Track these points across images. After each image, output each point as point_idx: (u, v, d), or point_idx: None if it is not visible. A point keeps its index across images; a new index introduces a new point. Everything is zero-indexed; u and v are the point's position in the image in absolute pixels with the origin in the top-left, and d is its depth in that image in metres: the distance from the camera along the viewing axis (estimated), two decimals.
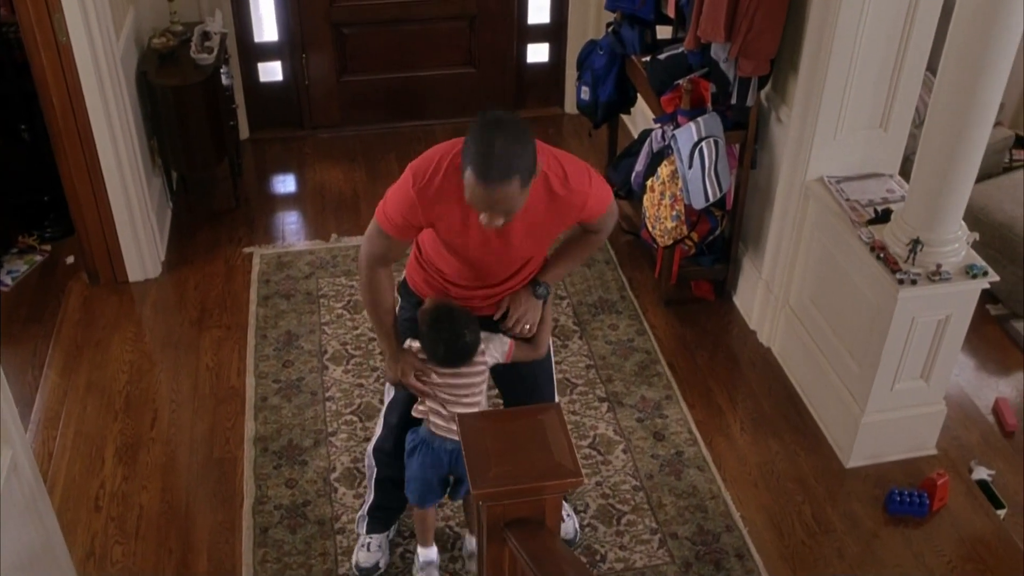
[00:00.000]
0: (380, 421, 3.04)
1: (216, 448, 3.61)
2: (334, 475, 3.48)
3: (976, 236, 3.32)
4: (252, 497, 3.40)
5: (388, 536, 3.20)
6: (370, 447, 3.09)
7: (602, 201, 2.64)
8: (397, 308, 2.84)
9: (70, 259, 4.57)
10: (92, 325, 4.19)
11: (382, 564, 3.15)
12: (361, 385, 3.85)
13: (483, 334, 2.70)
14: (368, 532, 3.17)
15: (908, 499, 3.38)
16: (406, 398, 2.86)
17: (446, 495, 2.94)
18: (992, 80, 2.89)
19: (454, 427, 2.69)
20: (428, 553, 3.08)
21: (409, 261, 2.87)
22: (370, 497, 3.13)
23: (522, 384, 2.94)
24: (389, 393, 3.00)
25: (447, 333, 2.63)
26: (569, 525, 3.26)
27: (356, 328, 4.14)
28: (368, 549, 3.15)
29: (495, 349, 2.73)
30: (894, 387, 3.45)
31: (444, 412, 2.72)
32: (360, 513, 3.21)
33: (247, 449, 3.58)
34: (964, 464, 3.62)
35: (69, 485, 3.46)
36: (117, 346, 4.08)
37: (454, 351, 2.65)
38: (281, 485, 3.44)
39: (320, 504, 3.38)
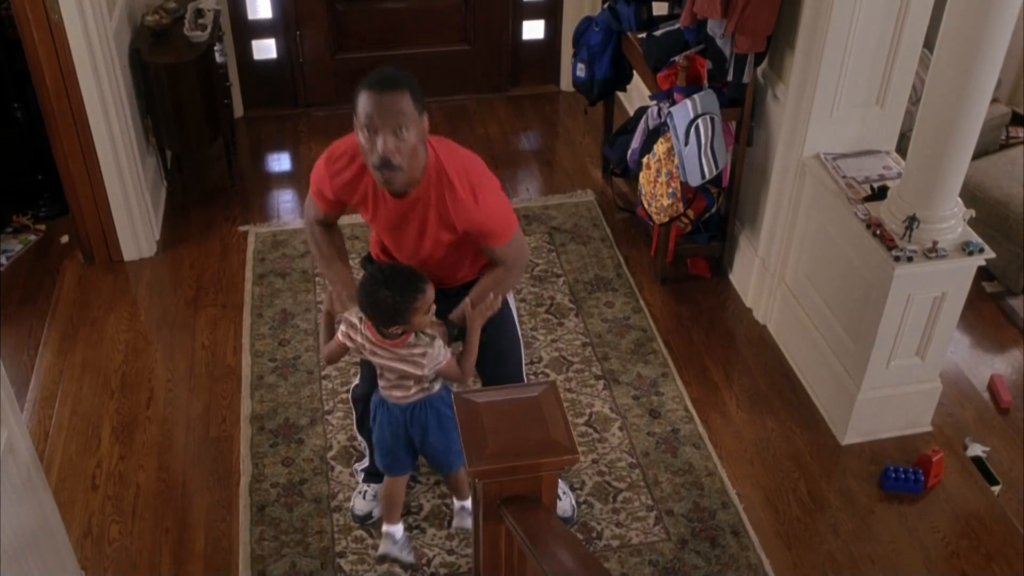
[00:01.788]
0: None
1: (212, 427, 3.61)
2: (330, 453, 3.48)
3: (972, 213, 3.31)
4: (249, 475, 3.40)
5: None
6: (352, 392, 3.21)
7: (503, 227, 2.66)
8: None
9: (65, 238, 4.56)
10: (87, 305, 4.18)
11: (375, 513, 3.20)
12: (357, 363, 3.85)
13: (429, 340, 2.67)
14: (365, 481, 3.25)
15: (903, 476, 3.39)
16: None
17: (424, 468, 2.93)
18: (989, 57, 2.87)
19: (396, 393, 2.76)
20: (393, 529, 3.03)
21: (371, 234, 2.95)
22: (367, 447, 3.22)
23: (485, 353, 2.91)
24: None
25: (380, 285, 2.57)
26: (566, 503, 3.28)
27: None
28: (364, 498, 3.23)
29: (431, 358, 2.67)
30: (890, 364, 3.45)
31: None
32: (360, 466, 3.29)
33: (243, 428, 3.59)
34: (959, 441, 3.63)
35: (66, 464, 3.46)
36: (112, 325, 4.07)
37: (379, 301, 2.58)
38: (278, 463, 3.45)
39: (317, 482, 3.38)
